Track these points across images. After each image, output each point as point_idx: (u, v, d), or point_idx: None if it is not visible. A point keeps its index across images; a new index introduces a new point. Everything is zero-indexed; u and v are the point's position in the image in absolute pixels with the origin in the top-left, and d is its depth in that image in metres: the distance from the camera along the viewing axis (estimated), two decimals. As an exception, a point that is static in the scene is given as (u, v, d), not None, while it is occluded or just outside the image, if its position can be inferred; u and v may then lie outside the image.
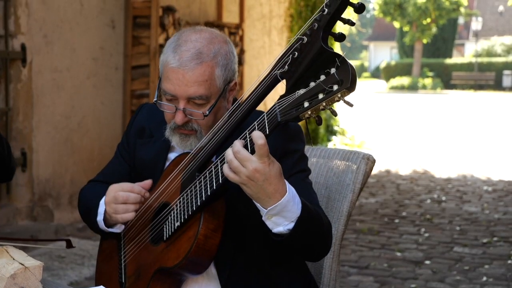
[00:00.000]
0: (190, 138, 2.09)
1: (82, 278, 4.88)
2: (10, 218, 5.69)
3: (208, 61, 2.03)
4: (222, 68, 2.05)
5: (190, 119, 2.07)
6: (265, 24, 10.92)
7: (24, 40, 5.71)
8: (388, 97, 31.93)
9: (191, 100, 2.04)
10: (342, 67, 1.65)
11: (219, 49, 2.06)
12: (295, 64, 1.80)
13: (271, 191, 1.81)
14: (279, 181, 1.81)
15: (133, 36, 6.98)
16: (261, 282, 2.10)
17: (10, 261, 1.81)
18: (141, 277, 2.13)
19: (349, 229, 6.50)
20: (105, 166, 2.41)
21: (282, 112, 1.75)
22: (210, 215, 1.97)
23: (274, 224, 1.86)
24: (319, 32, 1.76)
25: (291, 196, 1.84)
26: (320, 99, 1.67)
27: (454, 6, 38.53)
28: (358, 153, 2.42)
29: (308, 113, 1.71)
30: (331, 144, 12.03)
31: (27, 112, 5.77)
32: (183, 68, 2.02)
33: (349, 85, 1.63)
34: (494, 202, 8.14)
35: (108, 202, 2.10)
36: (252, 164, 1.77)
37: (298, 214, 1.85)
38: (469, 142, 14.41)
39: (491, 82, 38.78)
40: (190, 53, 2.02)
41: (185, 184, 2.03)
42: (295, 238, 1.87)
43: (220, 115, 2.09)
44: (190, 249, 1.95)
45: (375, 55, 57.03)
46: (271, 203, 1.82)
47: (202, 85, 2.02)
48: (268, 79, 1.89)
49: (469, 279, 5.21)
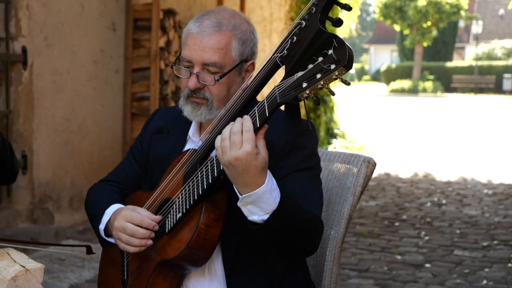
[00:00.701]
0: (201, 108, 2.12)
1: (82, 281, 4.88)
2: (10, 220, 5.69)
3: (227, 31, 2.09)
4: (240, 41, 2.10)
5: (203, 86, 2.11)
6: (265, 27, 10.93)
7: (25, 42, 5.71)
8: (388, 100, 31.93)
9: (205, 67, 2.09)
10: (339, 47, 1.71)
11: (239, 24, 2.12)
12: (294, 48, 1.85)
13: (248, 180, 1.85)
14: (259, 174, 1.84)
15: (133, 39, 6.99)
16: (265, 275, 2.11)
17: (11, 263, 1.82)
18: (143, 272, 2.13)
19: (349, 232, 6.50)
20: (117, 166, 2.44)
21: (281, 93, 1.80)
22: (212, 205, 2.00)
23: (249, 212, 1.90)
24: (316, 16, 1.82)
25: (267, 189, 1.86)
26: (318, 78, 1.73)
27: (455, 9, 38.55)
28: (359, 156, 2.43)
29: (307, 93, 1.76)
30: (331, 147, 12.03)
31: (28, 114, 5.78)
32: (201, 33, 2.08)
33: (346, 63, 1.69)
34: (494, 206, 8.13)
35: (116, 227, 2.10)
36: (236, 151, 1.81)
37: (274, 208, 1.88)
38: (469, 146, 14.41)
39: (491, 85, 38.77)
40: (211, 21, 2.10)
41: (187, 177, 2.05)
42: (270, 229, 1.90)
43: (233, 90, 2.13)
44: (192, 238, 1.97)
45: (376, 58, 57.03)
46: (246, 190, 1.86)
47: (217, 53, 2.07)
48: (268, 65, 1.93)
49: (469, 282, 5.21)
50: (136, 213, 2.09)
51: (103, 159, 6.69)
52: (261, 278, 2.11)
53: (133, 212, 2.10)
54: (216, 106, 2.11)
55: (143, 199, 2.22)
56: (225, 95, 2.12)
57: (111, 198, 2.25)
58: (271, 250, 2.10)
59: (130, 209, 2.12)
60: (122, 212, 2.11)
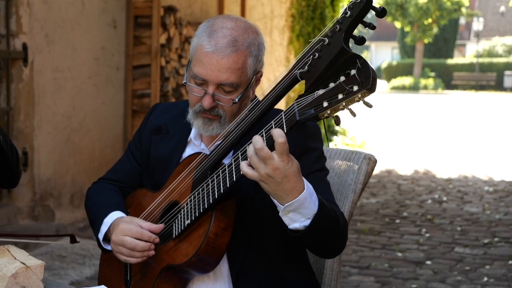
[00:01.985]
0: (213, 123, 2.10)
1: (83, 278, 4.88)
2: (11, 217, 5.70)
3: (243, 50, 2.05)
4: (254, 58, 2.08)
5: (217, 105, 2.08)
6: (266, 24, 10.92)
7: (26, 39, 5.71)
8: (389, 97, 31.91)
9: (220, 86, 2.05)
10: (362, 69, 1.67)
11: (253, 40, 2.08)
12: (315, 65, 1.81)
13: (289, 188, 1.81)
14: (297, 179, 1.82)
15: (134, 36, 6.98)
16: (272, 278, 2.11)
17: (12, 260, 1.82)
18: (147, 275, 2.13)
19: (350, 229, 6.48)
20: (115, 163, 2.42)
21: (301, 111, 1.76)
22: (221, 213, 1.98)
23: (291, 220, 1.87)
24: (340, 34, 1.79)
25: (308, 193, 1.84)
26: (340, 99, 1.69)
27: (456, 6, 38.52)
28: (359, 153, 2.42)
29: (328, 113, 1.72)
30: (332, 144, 12.02)
31: (29, 111, 5.78)
32: (218, 53, 2.03)
33: (370, 86, 1.65)
34: (495, 203, 8.13)
35: (115, 242, 2.08)
36: (273, 162, 1.77)
37: (315, 212, 1.86)
38: (470, 143, 14.40)
39: (492, 82, 38.75)
40: (227, 40, 2.04)
41: (197, 183, 2.03)
42: (311, 234, 1.88)
43: (245, 104, 2.11)
44: (200, 246, 1.96)
45: (376, 55, 57.00)
46: (288, 199, 1.83)
47: (235, 73, 2.04)
48: (288, 79, 1.91)
49: (470, 279, 5.21)
50: (134, 226, 2.06)
51: (104, 157, 6.69)
52: (267, 281, 2.10)
53: (132, 225, 2.07)
54: (229, 122, 2.09)
55: (147, 198, 2.21)
56: (238, 110, 2.09)
57: (110, 203, 2.23)
58: (278, 254, 2.10)
59: (128, 222, 2.09)
60: (120, 226, 2.08)
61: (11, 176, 2.59)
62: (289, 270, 2.13)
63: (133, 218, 2.12)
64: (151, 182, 2.27)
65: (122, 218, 2.14)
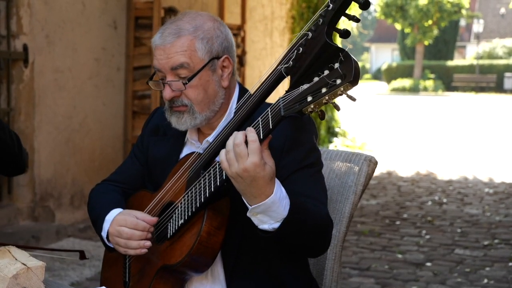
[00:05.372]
0: (184, 115, 2.12)
1: (83, 279, 4.88)
2: (12, 218, 5.70)
3: (187, 34, 2.09)
4: (203, 40, 2.09)
5: (179, 94, 2.10)
6: (267, 26, 10.92)
7: (26, 40, 5.71)
8: (389, 99, 31.92)
9: (176, 74, 2.09)
10: (345, 62, 1.66)
11: (201, 24, 2.11)
12: (300, 59, 1.81)
13: (256, 192, 1.82)
14: (267, 185, 1.82)
15: (135, 37, 6.98)
16: (266, 278, 2.11)
17: (13, 261, 1.82)
18: (144, 276, 2.13)
19: (350, 231, 6.50)
20: (119, 166, 2.44)
21: (286, 106, 1.76)
22: (214, 212, 1.99)
23: (260, 221, 1.88)
24: (323, 27, 1.78)
25: (277, 198, 1.84)
26: (323, 93, 1.68)
27: (456, 8, 38.52)
28: (360, 155, 2.42)
29: (311, 107, 1.72)
30: (332, 145, 12.02)
31: (29, 112, 5.78)
32: (165, 43, 2.09)
33: (352, 79, 1.64)
34: (495, 204, 8.13)
35: (111, 233, 2.12)
36: (244, 162, 1.78)
37: (284, 216, 1.86)
38: (470, 144, 14.40)
39: (492, 84, 38.75)
40: (170, 30, 2.10)
41: (190, 182, 2.04)
42: (282, 236, 1.89)
43: (212, 90, 2.12)
44: (193, 246, 1.97)
45: (377, 57, 57.01)
46: (255, 201, 1.84)
47: (182, 55, 2.07)
48: (273, 75, 1.90)
49: (470, 281, 5.21)
50: (130, 216, 2.10)
51: (104, 157, 6.69)
52: (262, 281, 2.10)
53: (127, 216, 2.10)
54: (199, 110, 2.11)
55: (146, 199, 2.22)
56: (204, 97, 2.10)
57: (111, 202, 2.24)
58: (273, 253, 2.10)
59: (125, 214, 2.13)
60: (116, 217, 2.12)
61: (16, 162, 2.59)
62: (285, 268, 2.13)
63: (130, 210, 2.15)
64: (152, 183, 2.27)
65: (120, 212, 2.17)
